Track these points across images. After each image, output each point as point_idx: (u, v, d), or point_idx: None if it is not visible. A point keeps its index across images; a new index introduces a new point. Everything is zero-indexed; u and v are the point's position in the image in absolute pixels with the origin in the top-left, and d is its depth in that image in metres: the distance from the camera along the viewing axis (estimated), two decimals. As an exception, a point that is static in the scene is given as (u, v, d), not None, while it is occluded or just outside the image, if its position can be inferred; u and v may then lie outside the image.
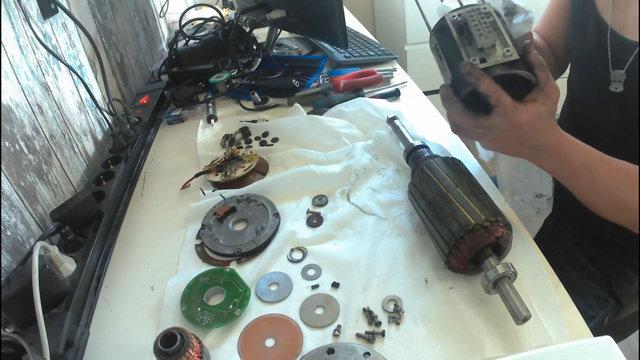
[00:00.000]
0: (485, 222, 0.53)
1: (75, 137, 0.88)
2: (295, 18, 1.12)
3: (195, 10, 1.71)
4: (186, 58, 1.23)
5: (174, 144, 1.00)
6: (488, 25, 0.56)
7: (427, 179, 0.62)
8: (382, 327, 0.53)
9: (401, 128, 0.79)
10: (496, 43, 0.55)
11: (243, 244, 0.67)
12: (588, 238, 0.87)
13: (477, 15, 0.56)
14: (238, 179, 0.80)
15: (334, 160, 0.81)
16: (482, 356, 0.49)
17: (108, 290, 0.66)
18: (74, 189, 0.82)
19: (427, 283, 0.58)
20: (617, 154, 0.60)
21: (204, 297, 0.59)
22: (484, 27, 0.56)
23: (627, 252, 0.82)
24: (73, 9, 0.95)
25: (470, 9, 0.57)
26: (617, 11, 0.70)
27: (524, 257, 0.59)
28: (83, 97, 0.94)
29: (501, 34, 0.56)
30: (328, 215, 0.71)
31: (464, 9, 0.58)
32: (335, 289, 0.60)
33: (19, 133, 0.69)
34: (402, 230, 0.66)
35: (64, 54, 0.89)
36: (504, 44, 0.55)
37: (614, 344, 0.45)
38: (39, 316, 0.51)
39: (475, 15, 0.57)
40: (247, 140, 0.94)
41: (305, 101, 1.03)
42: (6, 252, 0.61)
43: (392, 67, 1.16)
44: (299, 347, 0.53)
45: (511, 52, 0.55)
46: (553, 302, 0.53)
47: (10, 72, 0.70)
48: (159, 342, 0.46)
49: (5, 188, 0.63)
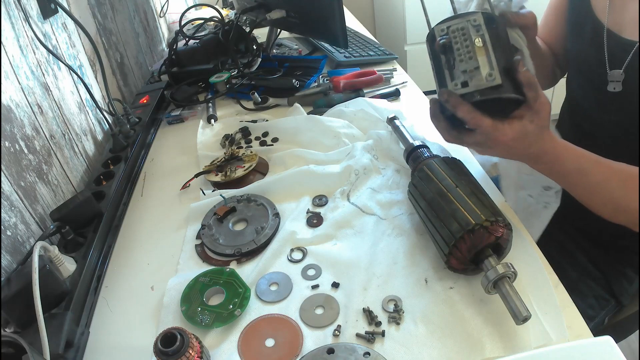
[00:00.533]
0: (485, 222, 0.53)
1: (75, 137, 0.88)
2: (295, 18, 1.12)
3: (195, 10, 1.71)
4: (186, 58, 1.23)
5: (174, 144, 1.00)
6: (469, 50, 0.55)
7: (427, 179, 0.62)
8: (382, 327, 0.53)
9: (401, 128, 0.79)
10: (480, 65, 0.54)
11: (243, 244, 0.67)
12: (588, 238, 0.87)
13: (460, 37, 0.55)
14: (238, 179, 0.80)
15: (334, 160, 0.81)
16: (482, 356, 0.49)
17: (108, 290, 0.66)
18: (74, 189, 0.82)
19: (427, 283, 0.58)
20: (616, 154, 0.60)
21: (204, 297, 0.59)
22: (465, 51, 0.55)
23: (627, 252, 0.82)
24: (73, 9, 0.95)
25: (457, 26, 0.56)
26: (614, 11, 0.70)
27: (524, 257, 0.59)
28: (83, 97, 0.94)
29: (488, 52, 0.54)
30: (328, 215, 0.71)
31: (453, 21, 0.56)
32: (335, 289, 0.60)
33: (19, 133, 0.69)
34: (402, 230, 0.66)
35: (64, 54, 0.89)
36: (489, 64, 0.54)
37: (614, 344, 0.45)
38: (39, 316, 0.51)
39: (459, 36, 0.55)
40: (247, 140, 0.94)
41: (305, 101, 1.03)
42: (6, 252, 0.61)
43: (392, 67, 1.16)
44: (299, 347, 0.53)
45: (494, 77, 0.54)
46: (553, 302, 0.53)
47: (10, 72, 0.70)
48: (159, 342, 0.46)
49: (5, 188, 0.63)
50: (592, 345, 0.45)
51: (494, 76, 0.54)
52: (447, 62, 0.57)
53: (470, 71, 0.55)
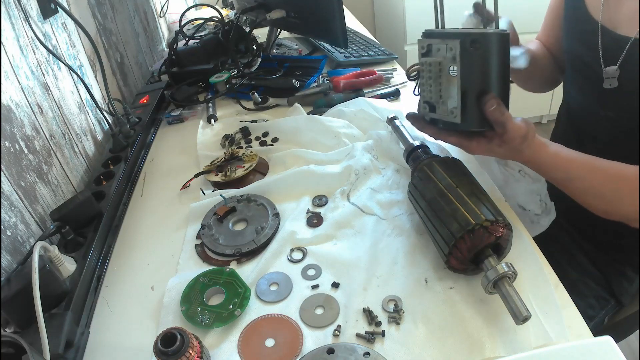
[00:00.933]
0: (485, 222, 0.53)
1: (75, 137, 0.88)
2: (295, 18, 1.12)
3: (195, 10, 1.71)
4: (186, 58, 1.23)
5: (174, 144, 1.00)
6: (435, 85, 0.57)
7: (427, 179, 0.62)
8: (382, 327, 0.53)
9: (401, 128, 0.79)
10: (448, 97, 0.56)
11: (243, 244, 0.67)
12: (588, 238, 0.87)
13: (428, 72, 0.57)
14: (238, 179, 0.80)
15: (334, 160, 0.81)
16: (482, 356, 0.49)
17: (108, 290, 0.66)
18: (74, 189, 0.82)
19: (427, 283, 0.58)
20: (614, 152, 0.61)
21: (204, 297, 0.59)
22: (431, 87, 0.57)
23: (627, 252, 0.82)
24: (73, 9, 0.95)
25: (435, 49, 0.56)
26: (608, 9, 0.71)
27: (524, 257, 0.59)
28: (83, 97, 0.94)
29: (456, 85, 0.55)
30: (328, 215, 0.71)
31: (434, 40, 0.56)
32: (335, 289, 0.60)
33: (19, 133, 0.69)
34: (402, 230, 0.66)
35: (64, 54, 0.89)
36: (455, 99, 0.56)
37: (614, 344, 0.45)
38: (39, 316, 0.51)
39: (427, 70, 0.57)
40: (247, 140, 0.94)
41: (305, 101, 1.03)
42: (6, 252, 0.61)
43: (392, 67, 1.16)
44: (299, 347, 0.53)
45: (455, 115, 0.56)
46: (553, 302, 0.53)
47: (10, 72, 0.70)
48: (159, 342, 0.46)
49: (5, 188, 0.63)
50: (592, 345, 0.45)
51: (455, 114, 0.56)
52: (421, 84, 0.60)
53: (437, 100, 0.58)
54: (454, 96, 0.56)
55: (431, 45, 0.57)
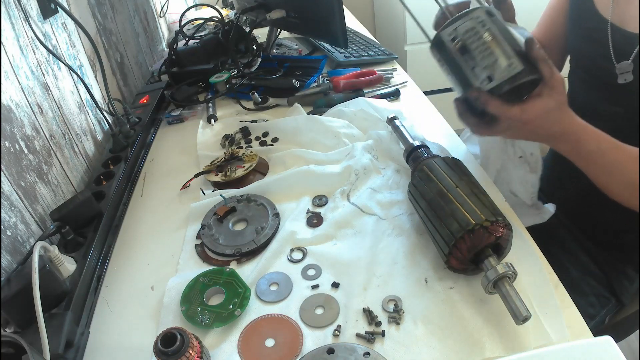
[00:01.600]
0: (485, 222, 0.53)
1: (75, 137, 0.88)
2: (295, 18, 1.12)
3: (195, 10, 1.71)
4: (186, 58, 1.23)
5: (174, 144, 1.00)
6: (486, 44, 0.56)
7: (427, 179, 0.62)
8: (382, 327, 0.53)
9: (401, 128, 0.79)
10: (498, 57, 0.56)
11: (243, 244, 0.67)
12: (589, 237, 0.87)
13: (473, 35, 0.56)
14: (238, 179, 0.80)
15: (334, 160, 0.81)
16: (482, 356, 0.49)
17: (108, 290, 0.66)
18: (74, 189, 0.82)
19: (427, 283, 0.58)
20: None
21: (204, 297, 0.59)
22: (482, 48, 0.56)
23: (628, 251, 0.82)
24: (73, 9, 0.95)
25: (464, 27, 0.57)
26: (617, 6, 0.72)
27: (524, 257, 0.59)
28: (83, 97, 0.94)
29: (501, 43, 0.55)
30: (328, 215, 0.71)
31: (458, 23, 0.57)
32: (335, 289, 0.60)
33: (19, 133, 0.69)
34: (402, 230, 0.66)
35: (64, 54, 0.89)
36: (506, 54, 0.55)
37: (614, 344, 0.45)
38: (39, 316, 0.51)
39: (471, 35, 0.56)
40: (247, 140, 0.94)
41: (305, 101, 1.03)
42: (6, 252, 0.61)
43: (392, 67, 1.16)
44: (299, 347, 0.53)
45: (514, 65, 0.55)
46: (553, 302, 0.53)
47: (10, 72, 0.70)
48: (159, 342, 0.46)
49: (5, 188, 0.63)
50: (592, 345, 0.45)
51: (514, 64, 0.55)
52: (466, 62, 0.58)
53: (491, 65, 0.56)
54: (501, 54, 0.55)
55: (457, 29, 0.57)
